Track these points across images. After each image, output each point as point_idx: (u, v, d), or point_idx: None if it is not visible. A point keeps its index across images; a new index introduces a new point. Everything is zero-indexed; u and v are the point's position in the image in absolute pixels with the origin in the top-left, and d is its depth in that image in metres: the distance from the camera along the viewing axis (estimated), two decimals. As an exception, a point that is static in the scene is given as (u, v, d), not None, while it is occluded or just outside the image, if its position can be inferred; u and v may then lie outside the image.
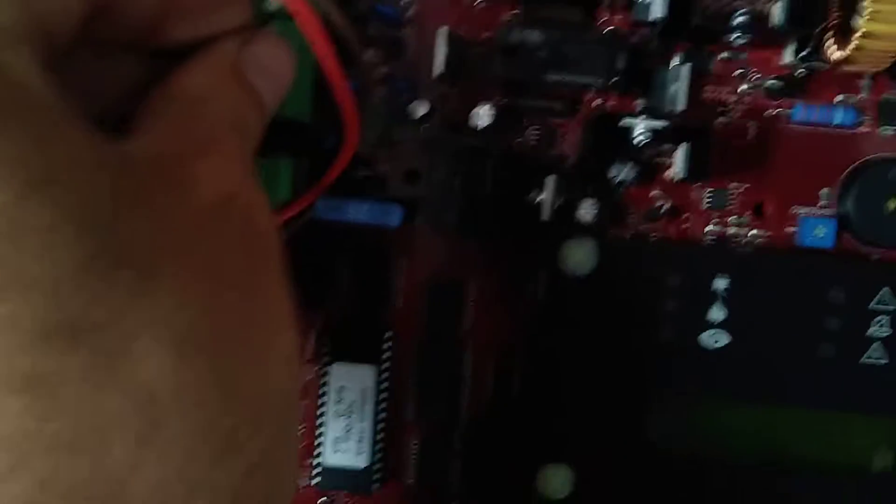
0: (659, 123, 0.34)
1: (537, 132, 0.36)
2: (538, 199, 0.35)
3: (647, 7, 0.33)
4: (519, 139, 0.36)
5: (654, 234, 0.36)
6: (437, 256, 0.38)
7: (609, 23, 0.35)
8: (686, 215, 0.36)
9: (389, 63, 0.36)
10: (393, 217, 0.34)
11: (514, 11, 0.35)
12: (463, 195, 0.35)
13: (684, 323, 0.35)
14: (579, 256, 0.35)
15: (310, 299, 0.37)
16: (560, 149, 0.36)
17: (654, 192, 0.36)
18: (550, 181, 0.34)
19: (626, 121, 0.34)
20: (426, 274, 0.37)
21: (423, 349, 0.38)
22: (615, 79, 0.34)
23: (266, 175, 0.33)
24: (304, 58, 0.30)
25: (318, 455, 0.37)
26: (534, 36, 0.34)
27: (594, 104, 0.36)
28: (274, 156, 0.33)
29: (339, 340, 0.37)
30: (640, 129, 0.34)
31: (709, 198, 0.36)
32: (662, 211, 0.36)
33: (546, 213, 0.34)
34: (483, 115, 0.35)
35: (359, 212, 0.34)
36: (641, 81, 0.34)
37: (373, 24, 0.36)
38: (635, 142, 0.34)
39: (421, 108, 0.35)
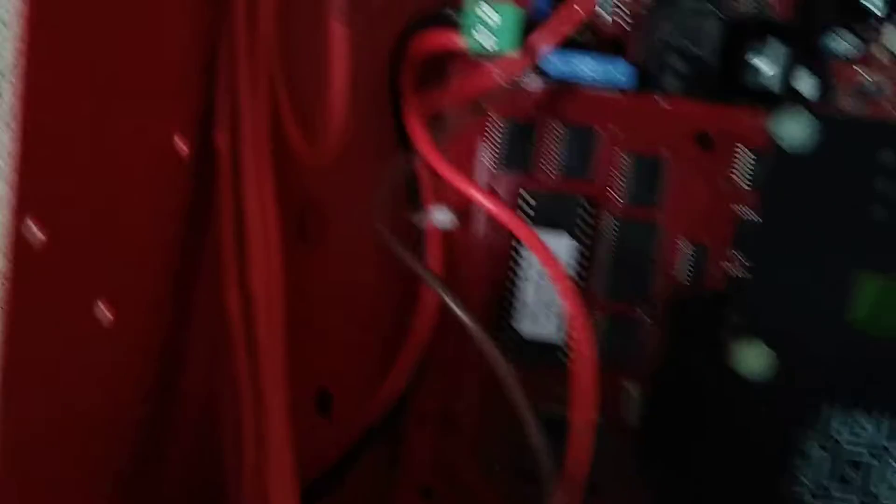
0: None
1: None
2: (758, 64, 0.34)
3: None
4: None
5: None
6: (633, 126, 0.37)
7: None
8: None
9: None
10: (623, 74, 0.33)
11: None
12: (685, 56, 0.34)
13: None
14: (793, 129, 0.35)
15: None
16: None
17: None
18: (774, 45, 0.34)
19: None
20: (624, 147, 0.37)
21: (619, 222, 0.37)
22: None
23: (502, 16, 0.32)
24: None
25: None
26: None
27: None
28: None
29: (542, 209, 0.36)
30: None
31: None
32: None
33: (767, 80, 0.34)
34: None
35: (590, 68, 0.33)
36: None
37: None
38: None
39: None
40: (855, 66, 0.36)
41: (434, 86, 0.36)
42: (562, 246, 0.36)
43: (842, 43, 0.34)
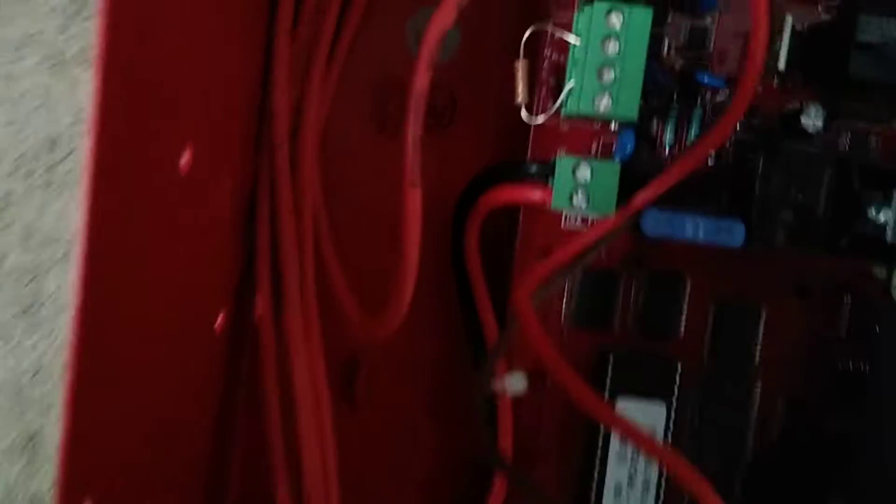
0: None
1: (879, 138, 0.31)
2: (881, 218, 0.30)
3: None
4: (859, 145, 0.31)
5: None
6: (725, 275, 0.33)
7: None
8: None
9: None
10: (736, 235, 0.29)
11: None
12: (795, 208, 0.30)
13: None
14: (916, 283, 0.31)
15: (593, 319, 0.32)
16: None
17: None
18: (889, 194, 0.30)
19: None
20: (714, 296, 0.33)
21: (709, 382, 0.33)
22: None
23: (599, 175, 0.28)
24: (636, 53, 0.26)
25: None
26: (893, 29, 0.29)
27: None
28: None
29: (624, 371, 0.32)
30: None
31: None
32: None
33: (891, 235, 0.30)
34: (815, 116, 0.31)
35: (696, 228, 0.28)
36: None
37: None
38: None
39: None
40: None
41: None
42: (651, 413, 0.32)
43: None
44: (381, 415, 0.34)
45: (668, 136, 0.32)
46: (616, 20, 0.27)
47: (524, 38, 0.29)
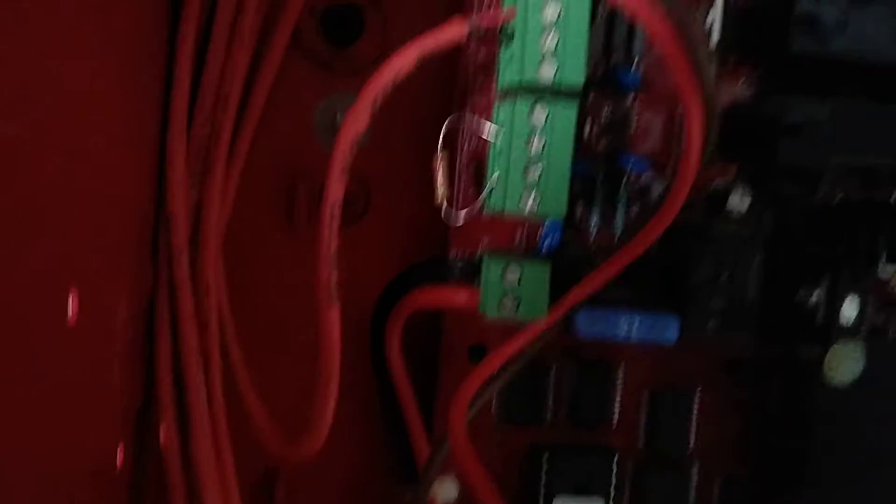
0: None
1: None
2: (812, 300, 0.30)
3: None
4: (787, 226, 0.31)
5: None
6: (657, 361, 0.32)
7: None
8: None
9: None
10: (670, 332, 0.28)
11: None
12: (726, 294, 0.29)
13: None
14: (847, 363, 0.30)
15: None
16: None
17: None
18: (828, 279, 0.30)
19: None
20: (646, 382, 0.32)
21: (645, 470, 0.32)
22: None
23: (529, 278, 0.26)
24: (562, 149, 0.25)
25: None
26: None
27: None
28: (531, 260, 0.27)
29: (560, 467, 0.31)
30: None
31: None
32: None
33: (822, 317, 0.30)
34: (742, 197, 0.30)
35: (630, 327, 0.27)
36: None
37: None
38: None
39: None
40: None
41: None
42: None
43: (887, 269, 0.31)
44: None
45: (594, 221, 0.30)
46: (539, 116, 0.25)
47: (443, 130, 0.27)
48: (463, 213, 0.28)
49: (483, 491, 0.26)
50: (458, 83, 0.29)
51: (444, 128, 0.27)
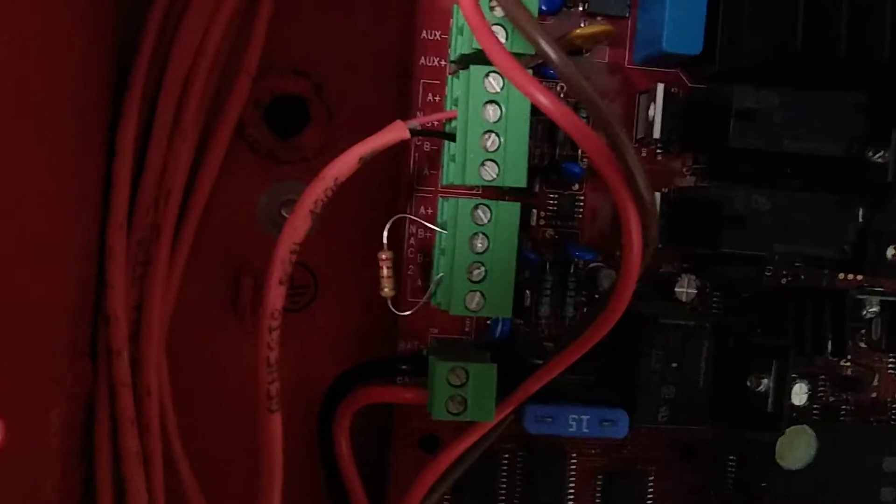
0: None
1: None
2: (761, 387, 0.30)
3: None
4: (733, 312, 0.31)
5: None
6: (610, 447, 0.32)
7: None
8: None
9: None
10: (620, 427, 0.28)
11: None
12: (676, 383, 0.29)
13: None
14: (799, 448, 0.30)
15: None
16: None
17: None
18: (777, 365, 0.30)
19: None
20: (600, 468, 0.31)
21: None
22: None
23: (476, 380, 0.26)
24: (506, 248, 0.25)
25: None
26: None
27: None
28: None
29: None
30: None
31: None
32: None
33: (772, 404, 0.30)
34: (689, 286, 0.30)
35: (580, 424, 0.27)
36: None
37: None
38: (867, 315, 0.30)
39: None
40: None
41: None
42: None
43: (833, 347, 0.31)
44: None
45: (544, 310, 0.30)
46: (483, 216, 0.25)
47: (387, 228, 0.27)
48: (409, 311, 0.28)
49: None
50: (403, 177, 0.29)
51: (387, 227, 0.27)
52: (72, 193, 0.26)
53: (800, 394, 0.31)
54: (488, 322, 0.30)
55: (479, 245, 0.26)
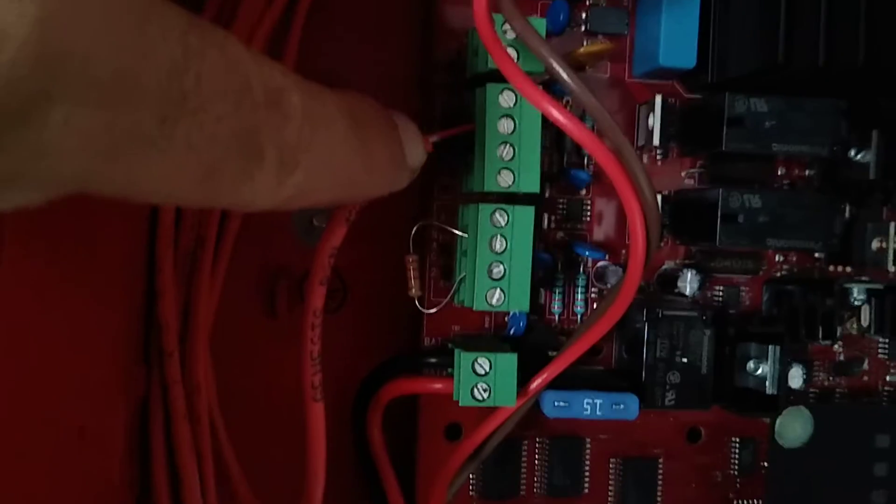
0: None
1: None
2: (760, 372, 0.32)
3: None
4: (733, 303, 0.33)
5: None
6: (622, 432, 0.34)
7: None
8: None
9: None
10: (631, 410, 0.30)
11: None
12: (681, 370, 0.32)
13: None
14: (795, 428, 0.33)
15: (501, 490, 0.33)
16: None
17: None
18: (774, 351, 0.32)
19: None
20: (614, 452, 0.34)
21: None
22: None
23: (499, 368, 0.28)
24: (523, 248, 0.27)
25: None
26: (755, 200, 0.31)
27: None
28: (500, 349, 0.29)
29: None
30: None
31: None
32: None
33: (770, 387, 0.32)
34: (691, 280, 0.33)
35: (593, 407, 0.29)
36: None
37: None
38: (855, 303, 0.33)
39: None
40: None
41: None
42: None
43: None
44: None
45: (557, 306, 0.33)
46: (501, 219, 0.28)
47: (412, 234, 0.30)
48: (435, 308, 0.30)
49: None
50: (425, 186, 0.32)
51: (412, 232, 0.30)
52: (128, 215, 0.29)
53: (796, 377, 0.33)
54: (506, 319, 0.32)
55: (498, 245, 0.28)
